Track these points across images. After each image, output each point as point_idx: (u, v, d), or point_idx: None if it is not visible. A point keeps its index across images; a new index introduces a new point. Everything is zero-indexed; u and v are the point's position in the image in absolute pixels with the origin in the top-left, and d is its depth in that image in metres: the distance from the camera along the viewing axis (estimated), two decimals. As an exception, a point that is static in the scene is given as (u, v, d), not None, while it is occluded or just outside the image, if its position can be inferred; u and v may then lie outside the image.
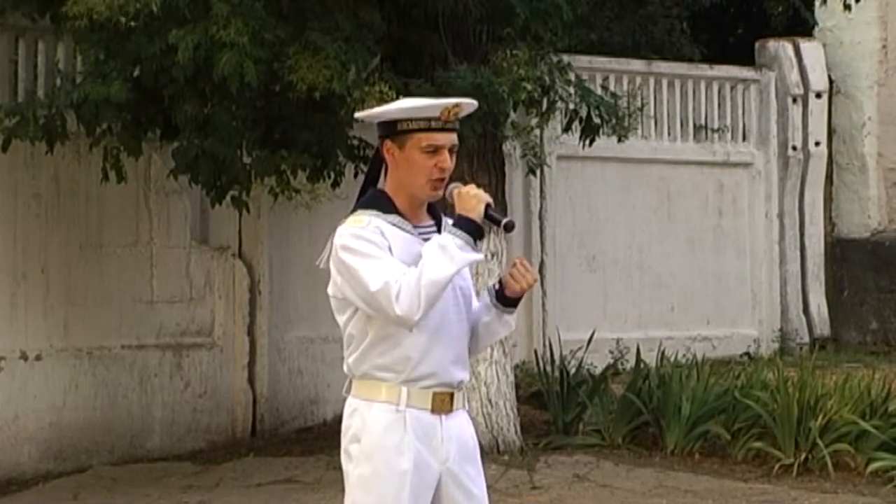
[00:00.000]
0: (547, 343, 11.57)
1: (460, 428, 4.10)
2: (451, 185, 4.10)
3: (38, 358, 10.11)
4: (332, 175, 9.32)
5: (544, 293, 12.35)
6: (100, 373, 10.34)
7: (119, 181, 9.24)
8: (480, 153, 9.40)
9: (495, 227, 4.14)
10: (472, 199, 4.04)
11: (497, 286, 4.14)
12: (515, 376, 10.14)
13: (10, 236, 10.07)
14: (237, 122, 8.73)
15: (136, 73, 8.36)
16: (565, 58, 9.99)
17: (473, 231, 3.99)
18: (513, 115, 9.82)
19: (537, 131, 10.61)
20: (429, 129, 4.03)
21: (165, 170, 9.79)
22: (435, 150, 4.03)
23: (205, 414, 10.71)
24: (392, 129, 4.06)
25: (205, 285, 10.81)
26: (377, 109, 4.16)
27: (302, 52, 8.19)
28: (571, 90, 9.62)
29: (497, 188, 9.48)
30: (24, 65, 10.15)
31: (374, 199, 4.09)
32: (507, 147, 10.24)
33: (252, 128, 8.81)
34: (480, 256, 4.03)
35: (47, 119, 8.84)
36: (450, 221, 4.08)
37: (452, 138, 4.08)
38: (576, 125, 9.74)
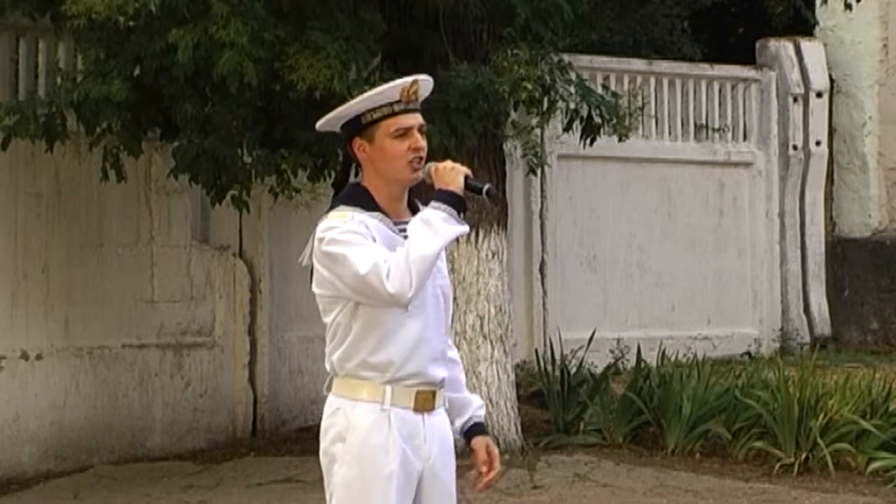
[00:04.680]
0: (547, 342, 11.57)
1: (442, 427, 4.10)
2: (427, 164, 4.05)
3: (38, 357, 10.11)
4: (333, 174, 9.32)
5: (545, 293, 12.35)
6: (100, 372, 10.33)
7: (119, 180, 9.25)
8: (481, 153, 9.39)
9: (478, 196, 4.10)
10: (451, 172, 4.01)
11: (469, 427, 4.24)
12: (516, 375, 10.14)
13: (10, 236, 10.06)
14: (237, 122, 8.72)
15: (136, 72, 8.36)
16: (566, 57, 9.99)
17: (456, 203, 3.95)
18: (513, 115, 9.82)
19: (538, 131, 10.60)
20: (393, 114, 4.00)
21: (166, 169, 9.79)
22: (405, 133, 4.00)
23: (205, 413, 10.70)
24: (357, 126, 4.02)
25: (205, 285, 10.80)
26: (338, 110, 4.07)
27: (302, 51, 8.18)
28: (572, 90, 9.61)
29: (497, 188, 9.48)
30: (24, 64, 10.15)
31: (355, 196, 4.04)
32: (507, 146, 10.23)
33: (252, 127, 8.80)
34: (465, 229, 3.98)
35: (47, 118, 8.83)
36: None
37: (419, 118, 4.05)
38: (576, 125, 9.73)
